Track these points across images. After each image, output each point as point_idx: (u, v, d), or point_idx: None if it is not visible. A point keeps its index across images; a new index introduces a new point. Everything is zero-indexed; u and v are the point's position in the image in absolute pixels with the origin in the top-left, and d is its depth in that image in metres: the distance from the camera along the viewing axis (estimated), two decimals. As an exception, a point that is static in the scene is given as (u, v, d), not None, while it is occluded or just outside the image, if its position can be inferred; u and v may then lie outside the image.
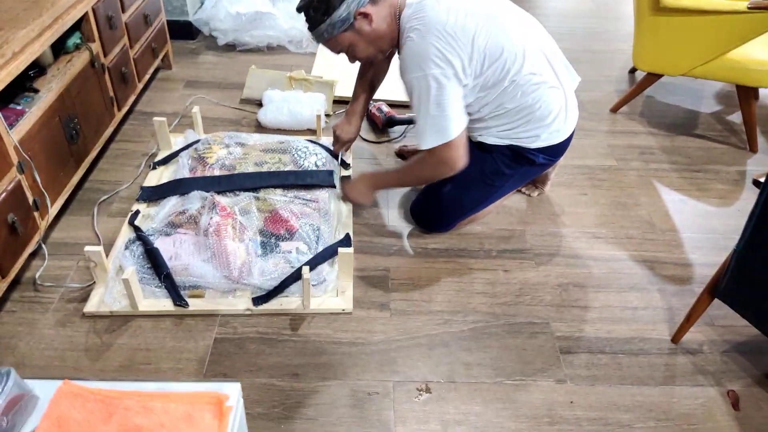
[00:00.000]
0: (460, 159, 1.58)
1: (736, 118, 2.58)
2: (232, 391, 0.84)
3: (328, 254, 1.67)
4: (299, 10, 1.57)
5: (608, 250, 1.84)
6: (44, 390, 0.80)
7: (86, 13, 1.83)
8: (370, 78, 1.97)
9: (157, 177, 2.00)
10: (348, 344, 1.50)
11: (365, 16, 1.52)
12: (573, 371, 1.46)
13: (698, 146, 2.38)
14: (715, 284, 1.44)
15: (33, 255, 1.68)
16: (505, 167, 1.70)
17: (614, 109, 2.61)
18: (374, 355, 1.48)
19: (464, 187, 1.73)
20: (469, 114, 1.62)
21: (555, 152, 1.71)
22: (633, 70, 2.97)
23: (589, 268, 1.77)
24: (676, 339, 1.56)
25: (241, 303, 1.57)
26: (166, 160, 2.07)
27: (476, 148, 1.69)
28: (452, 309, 1.61)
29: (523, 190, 2.04)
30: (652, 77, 2.49)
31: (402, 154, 2.23)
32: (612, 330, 1.58)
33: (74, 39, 1.84)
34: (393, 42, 1.62)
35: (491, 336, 1.54)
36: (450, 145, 1.54)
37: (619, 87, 2.81)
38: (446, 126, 1.52)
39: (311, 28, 1.57)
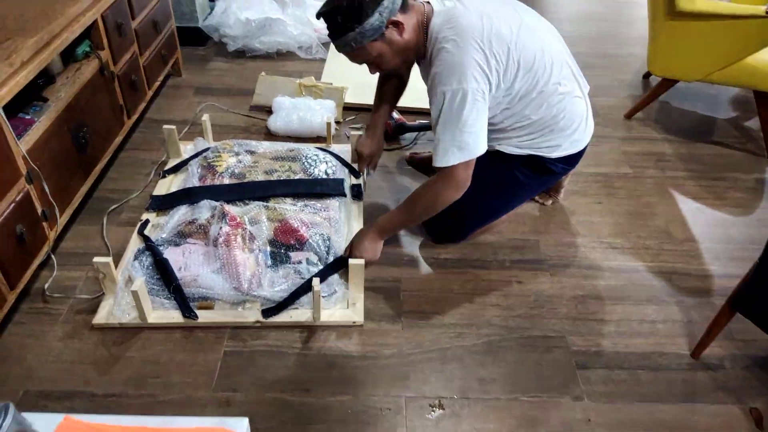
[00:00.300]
0: (469, 181, 1.51)
1: (754, 124, 2.53)
2: (240, 428, 0.80)
3: (338, 265, 1.64)
4: (323, 15, 1.45)
5: (625, 261, 1.80)
6: (45, 425, 0.77)
7: (95, 21, 1.82)
8: (390, 90, 1.90)
9: (166, 185, 1.98)
10: (359, 358, 1.48)
11: (397, 25, 1.44)
12: (590, 387, 1.42)
13: (715, 153, 2.34)
14: (736, 297, 1.40)
15: (42, 265, 1.67)
16: (523, 176, 1.67)
17: (629, 115, 2.56)
18: (386, 369, 1.45)
19: (480, 196, 1.69)
20: (491, 125, 1.56)
21: (573, 161, 1.68)
22: (647, 75, 2.93)
23: (605, 280, 1.73)
24: (696, 354, 1.51)
25: (251, 315, 1.54)
26: (175, 169, 2.05)
27: (494, 157, 1.65)
28: (465, 321, 1.58)
29: (537, 198, 2.01)
30: (668, 83, 2.44)
31: (413, 161, 2.20)
32: (630, 344, 1.54)
33: (83, 47, 1.83)
34: (420, 52, 1.55)
35: (506, 350, 1.51)
36: (468, 165, 1.48)
37: (633, 92, 2.77)
38: (470, 143, 1.45)
39: (337, 36, 1.45)
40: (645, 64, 3.00)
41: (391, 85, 1.90)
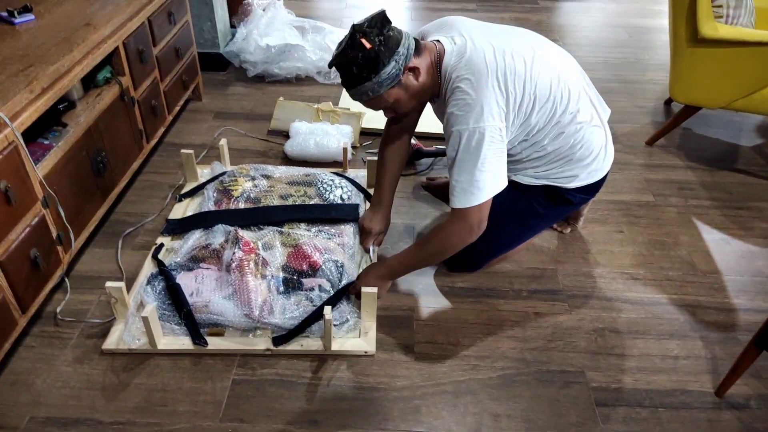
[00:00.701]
0: (485, 222, 1.46)
1: (780, 152, 2.47)
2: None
3: (344, 291, 1.62)
4: (336, 66, 1.41)
5: (646, 293, 1.74)
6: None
7: (117, 48, 1.85)
8: (395, 156, 1.76)
9: (182, 209, 1.99)
10: (370, 389, 1.44)
11: (413, 70, 1.41)
12: (610, 426, 1.37)
13: (740, 182, 2.28)
14: (762, 335, 1.34)
15: (55, 288, 1.67)
16: (540, 207, 1.63)
17: (650, 142, 2.52)
18: (397, 402, 1.41)
19: (496, 227, 1.65)
20: (507, 155, 1.51)
21: (592, 190, 1.64)
22: (669, 101, 2.89)
23: (626, 312, 1.67)
24: (720, 392, 1.45)
25: (261, 342, 1.52)
26: (192, 193, 2.06)
27: (510, 186, 1.60)
28: (480, 353, 1.54)
29: (555, 226, 1.97)
30: (690, 110, 2.40)
31: (430, 187, 2.18)
32: (651, 381, 1.48)
33: (104, 73, 1.86)
34: (434, 92, 1.51)
35: (521, 384, 1.46)
36: (483, 206, 1.43)
37: (654, 119, 2.72)
38: (488, 183, 1.40)
39: (351, 86, 1.41)
40: (666, 90, 2.97)
41: (396, 151, 1.76)
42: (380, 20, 1.37)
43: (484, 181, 1.40)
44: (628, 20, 3.96)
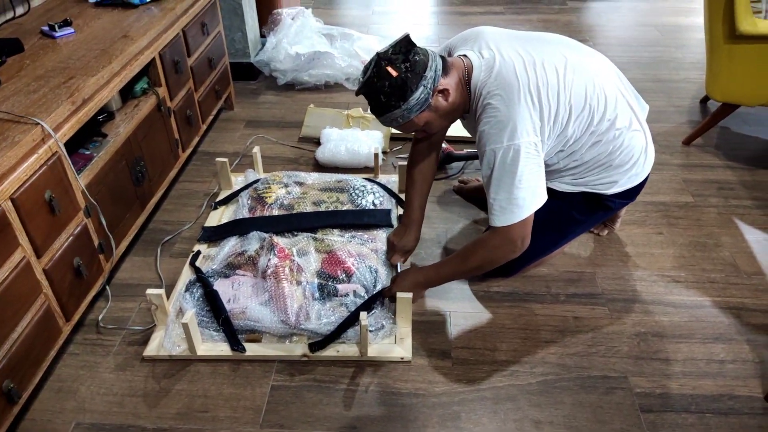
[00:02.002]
0: (528, 238, 1.42)
1: (825, 149, 2.39)
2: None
3: (378, 296, 1.61)
4: (363, 95, 1.39)
5: (689, 296, 1.70)
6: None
7: (153, 59, 1.89)
8: (425, 176, 1.72)
9: (218, 217, 2.01)
10: (408, 395, 1.43)
11: (442, 92, 1.38)
12: (655, 433, 1.33)
13: (782, 180, 2.21)
14: (818, 338, 1.29)
15: (97, 296, 1.71)
16: (578, 214, 1.60)
17: (687, 142, 2.46)
18: (436, 409, 1.40)
19: (534, 232, 1.63)
20: (545, 165, 1.49)
21: (632, 194, 1.61)
22: (705, 100, 2.82)
23: (668, 316, 1.63)
24: (771, 397, 1.40)
25: (298, 348, 1.53)
26: (226, 200, 2.09)
27: (548, 194, 1.59)
28: (519, 359, 1.52)
29: (592, 229, 1.93)
30: (728, 107, 2.34)
31: (461, 191, 2.17)
32: (697, 386, 1.44)
33: (142, 84, 1.90)
34: (465, 109, 1.48)
35: (563, 390, 1.43)
36: (525, 222, 1.38)
37: (691, 118, 2.66)
38: (528, 199, 1.36)
39: (380, 114, 1.39)
40: (702, 88, 2.90)
41: (425, 169, 1.72)
42: (405, 45, 1.34)
43: (524, 198, 1.36)
44: (660, 19, 3.89)
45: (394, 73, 1.32)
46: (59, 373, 1.50)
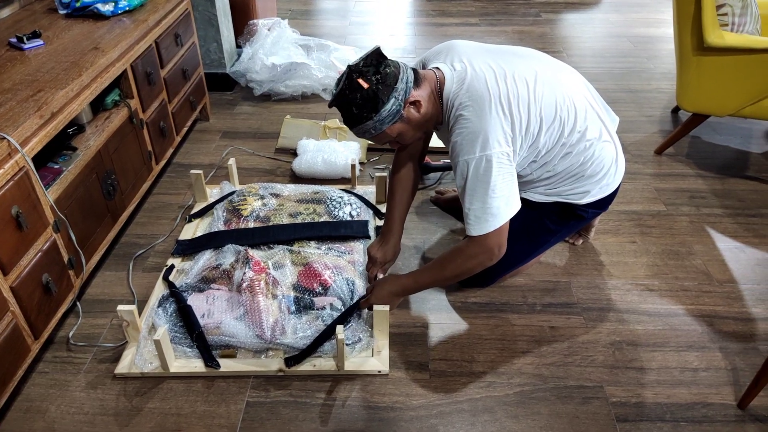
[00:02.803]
0: (504, 246, 1.43)
1: (792, 158, 2.45)
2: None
3: (354, 308, 1.60)
4: (335, 106, 1.41)
5: (662, 304, 1.72)
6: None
7: (125, 71, 1.86)
8: (405, 187, 1.71)
9: (192, 230, 1.99)
10: (386, 409, 1.42)
11: (414, 104, 1.40)
12: (631, 442, 1.34)
13: (751, 189, 2.26)
14: (787, 345, 1.31)
15: (67, 313, 1.67)
16: (552, 224, 1.62)
17: (659, 151, 2.51)
18: (413, 422, 1.39)
19: (508, 242, 1.64)
20: (518, 176, 1.52)
21: (604, 204, 1.63)
22: (676, 110, 2.88)
23: (643, 324, 1.65)
24: (743, 404, 1.42)
25: (274, 363, 1.51)
26: (201, 213, 2.06)
27: (522, 205, 1.60)
28: (496, 370, 1.52)
29: (567, 238, 1.95)
30: (698, 118, 2.39)
31: (438, 201, 2.17)
32: (672, 395, 1.45)
33: (113, 96, 1.87)
34: (437, 120, 1.49)
35: (539, 401, 1.43)
36: (501, 231, 1.39)
37: (662, 127, 2.71)
38: (502, 207, 1.38)
39: (353, 125, 1.40)
40: (673, 98, 2.96)
41: (405, 180, 1.71)
42: (376, 58, 1.35)
43: (498, 206, 1.37)
44: (632, 30, 3.97)
45: (365, 85, 1.33)
46: (28, 393, 1.45)
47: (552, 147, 1.47)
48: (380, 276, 1.74)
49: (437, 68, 1.46)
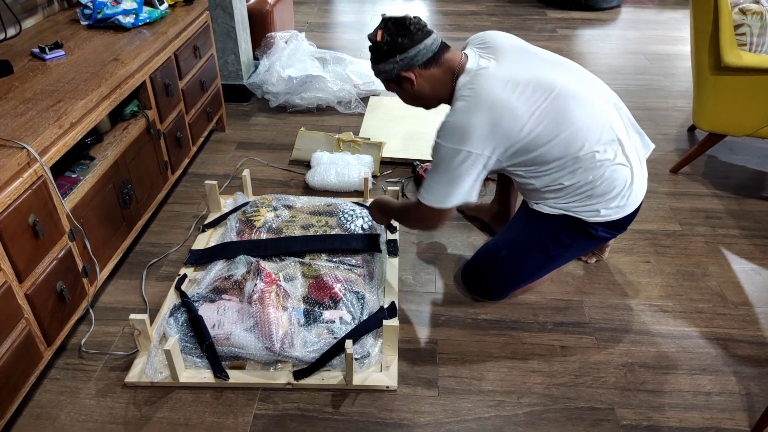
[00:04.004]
0: (439, 225, 1.58)
1: (810, 179, 2.42)
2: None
3: (371, 325, 1.60)
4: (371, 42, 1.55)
5: (676, 326, 1.70)
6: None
7: (144, 82, 1.89)
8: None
9: (205, 240, 2.00)
10: (393, 425, 1.41)
11: (407, 79, 1.49)
12: (642, 467, 1.32)
13: (769, 210, 2.23)
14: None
15: (80, 320, 1.68)
16: (564, 236, 1.60)
17: (675, 170, 2.49)
18: (421, 439, 1.38)
19: (521, 254, 1.64)
20: (527, 185, 1.54)
21: (618, 226, 1.59)
22: (692, 128, 2.85)
23: (656, 346, 1.63)
24: (757, 431, 1.39)
25: (282, 376, 1.51)
26: (215, 223, 2.08)
27: (534, 216, 1.60)
28: (505, 389, 1.50)
29: (581, 257, 1.93)
30: (715, 137, 2.37)
31: (464, 211, 2.19)
32: (684, 419, 1.43)
33: (131, 107, 1.90)
34: (442, 101, 1.57)
35: (549, 422, 1.42)
36: (441, 212, 1.52)
37: (678, 146, 2.69)
38: (450, 196, 1.48)
39: (371, 64, 1.58)
40: (689, 116, 2.94)
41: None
42: (401, 24, 1.45)
43: (451, 194, 1.48)
44: (649, 47, 3.95)
45: (378, 39, 1.47)
46: (39, 399, 1.47)
47: (553, 161, 1.47)
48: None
49: (467, 54, 1.52)
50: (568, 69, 1.53)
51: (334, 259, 1.84)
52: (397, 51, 1.45)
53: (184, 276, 1.82)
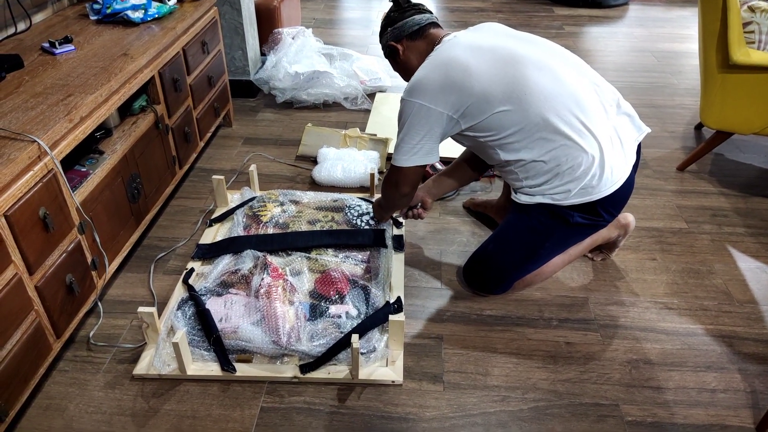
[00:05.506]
0: (405, 188, 1.65)
1: (818, 178, 2.41)
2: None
3: (377, 320, 1.61)
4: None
5: (681, 323, 1.70)
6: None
7: (152, 78, 1.90)
8: (464, 171, 1.94)
9: (212, 234, 2.01)
10: (398, 419, 1.42)
11: (395, 50, 1.67)
12: (646, 462, 1.32)
13: (776, 208, 2.23)
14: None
15: (88, 313, 1.70)
16: (540, 224, 1.59)
17: (681, 168, 2.48)
18: (426, 433, 1.39)
19: (505, 245, 1.70)
20: (491, 153, 1.58)
21: (595, 212, 1.56)
22: (699, 126, 2.85)
23: (661, 343, 1.63)
24: (762, 428, 1.40)
25: (289, 370, 1.52)
26: (222, 218, 2.09)
27: (516, 209, 1.65)
28: (510, 384, 1.51)
29: (587, 253, 1.94)
30: (722, 135, 2.36)
31: (470, 207, 2.20)
32: (689, 415, 1.43)
33: (140, 101, 1.91)
34: None
35: (554, 417, 1.42)
36: (399, 171, 1.60)
37: (685, 144, 2.69)
38: (406, 153, 1.56)
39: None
40: (696, 114, 2.93)
41: (465, 168, 1.94)
42: (396, 2, 1.66)
43: (408, 151, 1.55)
44: (656, 45, 3.94)
45: (384, 14, 1.70)
46: (48, 391, 1.48)
47: (513, 126, 1.49)
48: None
49: (454, 34, 1.62)
50: (538, 45, 1.58)
51: (340, 254, 1.85)
52: (389, 24, 1.66)
53: (192, 270, 1.83)
